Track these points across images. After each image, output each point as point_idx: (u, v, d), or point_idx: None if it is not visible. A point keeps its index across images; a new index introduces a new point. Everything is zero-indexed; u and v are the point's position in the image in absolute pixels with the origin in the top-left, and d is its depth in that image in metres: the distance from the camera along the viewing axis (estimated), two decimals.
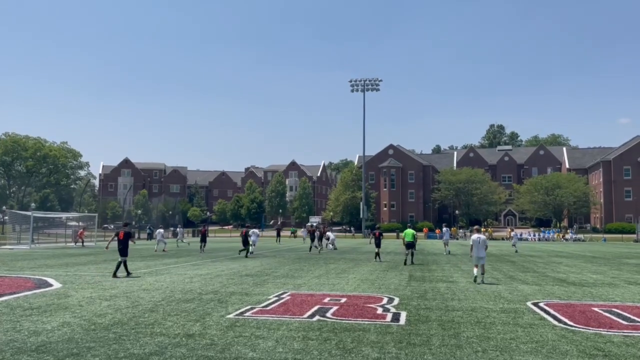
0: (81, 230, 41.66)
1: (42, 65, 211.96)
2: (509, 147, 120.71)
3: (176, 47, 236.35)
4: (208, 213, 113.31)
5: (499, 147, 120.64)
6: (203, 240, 30.19)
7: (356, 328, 7.88)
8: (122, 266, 15.50)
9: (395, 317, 8.87)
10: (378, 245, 22.81)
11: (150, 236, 58.44)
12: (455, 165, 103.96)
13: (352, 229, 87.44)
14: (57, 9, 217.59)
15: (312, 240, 31.45)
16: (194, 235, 65.08)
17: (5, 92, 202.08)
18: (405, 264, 20.75)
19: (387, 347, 6.70)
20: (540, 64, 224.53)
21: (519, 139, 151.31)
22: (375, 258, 22.76)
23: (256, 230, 28.77)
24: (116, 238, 16.19)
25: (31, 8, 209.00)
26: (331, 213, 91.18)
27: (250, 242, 26.81)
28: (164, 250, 30.53)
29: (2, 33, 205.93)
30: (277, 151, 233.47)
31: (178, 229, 46.52)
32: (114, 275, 15.26)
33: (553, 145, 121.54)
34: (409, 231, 22.01)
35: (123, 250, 15.74)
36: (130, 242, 16.36)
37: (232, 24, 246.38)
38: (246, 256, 24.98)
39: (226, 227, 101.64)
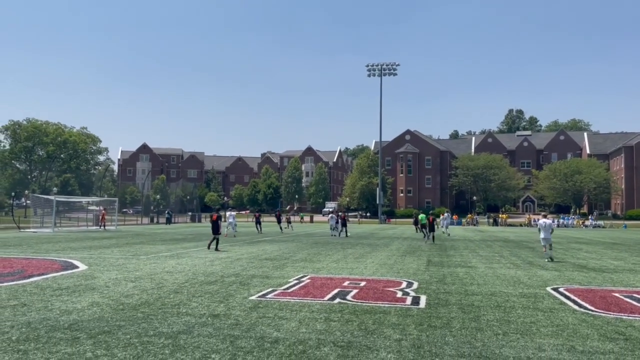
0: (102, 212, 42.50)
1: (63, 51, 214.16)
2: (528, 132, 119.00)
3: (194, 34, 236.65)
4: (225, 198, 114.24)
5: (518, 133, 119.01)
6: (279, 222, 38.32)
7: (377, 310, 8.00)
8: (214, 242, 19.26)
9: (415, 301, 8.97)
10: (432, 229, 25.49)
11: (169, 221, 59.32)
12: (473, 150, 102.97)
13: (367, 214, 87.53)
14: None
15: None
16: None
17: (26, 78, 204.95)
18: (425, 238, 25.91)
19: (408, 329, 6.81)
20: (560, 47, 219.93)
21: (538, 124, 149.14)
22: (426, 239, 26.00)
23: (233, 213, 29.79)
24: (232, 219, 20.92)
25: None
26: (347, 199, 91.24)
27: (228, 225, 28.64)
28: (234, 236, 28.85)
29: (21, 20, 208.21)
30: (293, 137, 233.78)
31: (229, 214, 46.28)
32: (208, 248, 19.25)
33: (573, 130, 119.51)
34: (422, 215, 29.93)
35: (215, 229, 19.34)
36: (219, 223, 19.75)
37: (247, 9, 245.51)
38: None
39: (243, 212, 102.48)
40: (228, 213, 34.29)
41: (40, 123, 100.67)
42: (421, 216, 30.90)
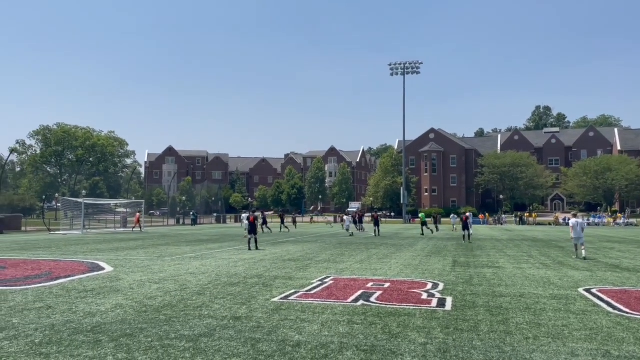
0: (137, 214, 43.31)
1: (91, 56, 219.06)
2: (556, 129, 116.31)
3: (217, 37, 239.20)
4: (249, 199, 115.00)
5: (545, 130, 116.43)
6: (282, 222, 39.59)
7: (401, 313, 7.82)
8: (252, 242, 20.43)
9: (441, 303, 8.74)
10: (466, 227, 25.90)
11: (195, 222, 60.00)
12: (499, 148, 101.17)
13: (391, 214, 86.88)
14: (102, 2, 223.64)
15: (356, 223, 33.29)
16: (236, 221, 66.34)
17: (55, 83, 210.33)
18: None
19: (433, 333, 6.61)
20: (590, 42, 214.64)
21: (566, 120, 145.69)
22: (464, 239, 26.02)
23: (246, 214, 31.23)
24: (247, 221, 21.76)
25: (75, 2, 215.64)
26: (371, 199, 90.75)
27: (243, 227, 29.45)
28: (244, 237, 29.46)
29: (52, 27, 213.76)
30: (316, 137, 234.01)
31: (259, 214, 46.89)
32: (249, 249, 19.88)
33: (603, 127, 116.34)
34: (422, 214, 37.18)
35: (253, 229, 20.48)
36: (257, 224, 21.23)
37: (269, 11, 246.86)
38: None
39: (267, 213, 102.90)
40: (243, 215, 35.51)
41: (70, 127, 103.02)
42: (421, 214, 36.65)
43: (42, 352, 5.54)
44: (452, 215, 47.11)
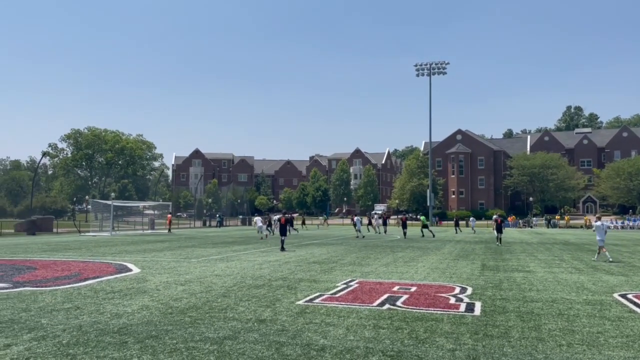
0: (169, 216, 43.97)
1: (119, 63, 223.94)
2: (588, 129, 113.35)
3: (241, 41, 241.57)
4: (274, 201, 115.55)
5: (576, 130, 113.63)
6: (290, 224, 36.74)
7: (428, 318, 7.64)
8: (281, 243, 21.23)
9: (470, 308, 8.52)
10: (500, 231, 25.84)
11: (221, 224, 60.57)
12: (528, 149, 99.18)
13: (417, 216, 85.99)
14: (130, 8, 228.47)
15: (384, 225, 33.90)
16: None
17: (86, 88, 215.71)
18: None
19: (462, 338, 6.43)
20: (621, 40, 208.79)
21: (598, 120, 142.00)
22: (497, 242, 25.84)
23: (260, 217, 34.49)
24: (279, 223, 22.80)
25: (106, 10, 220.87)
26: (397, 201, 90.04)
27: (258, 229, 31.79)
28: (261, 238, 30.48)
29: (80, 36, 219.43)
30: (341, 139, 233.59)
31: (273, 218, 47.25)
32: (281, 250, 20.51)
33: (638, 127, 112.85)
34: (423, 217, 38.11)
35: (283, 231, 21.48)
36: (288, 226, 22.72)
37: (292, 13, 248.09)
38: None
39: (293, 215, 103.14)
40: (256, 218, 36.50)
41: (100, 131, 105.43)
42: (422, 217, 38.13)
43: (69, 353, 5.58)
44: (471, 219, 48.71)
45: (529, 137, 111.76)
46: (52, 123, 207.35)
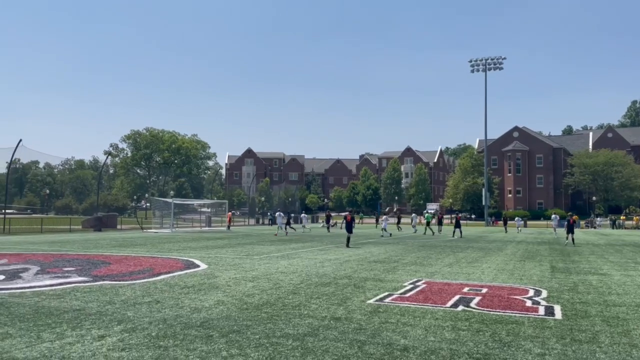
0: (229, 214, 45.15)
1: (176, 67, 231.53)
2: None
3: (290, 42, 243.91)
4: (325, 200, 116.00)
5: None
6: (327, 222, 40.68)
7: (507, 320, 7.42)
8: (347, 240, 22.25)
9: (549, 311, 8.21)
10: (571, 231, 25.83)
11: (273, 222, 61.45)
12: (590, 147, 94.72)
13: (471, 216, 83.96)
14: (185, 15, 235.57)
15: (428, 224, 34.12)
16: (312, 221, 67.13)
17: (144, 90, 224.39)
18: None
19: (549, 343, 6.19)
20: None
21: None
22: (566, 240, 26.13)
23: (281, 214, 35.98)
24: (344, 220, 23.73)
25: (163, 17, 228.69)
26: (450, 200, 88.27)
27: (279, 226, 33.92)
28: (277, 234, 32.91)
29: (140, 43, 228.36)
30: (391, 137, 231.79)
31: (302, 216, 48.19)
32: (347, 246, 21.46)
33: None
34: (429, 215, 41.08)
35: (349, 228, 22.51)
36: (353, 224, 23.34)
37: (342, 10, 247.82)
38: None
39: (342, 214, 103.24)
40: (277, 214, 37.48)
41: (157, 132, 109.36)
42: (427, 215, 41.04)
43: (160, 345, 5.80)
44: (516, 218, 49.00)
45: (590, 133, 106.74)
46: (113, 124, 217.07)
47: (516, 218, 49.48)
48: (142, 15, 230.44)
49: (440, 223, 39.68)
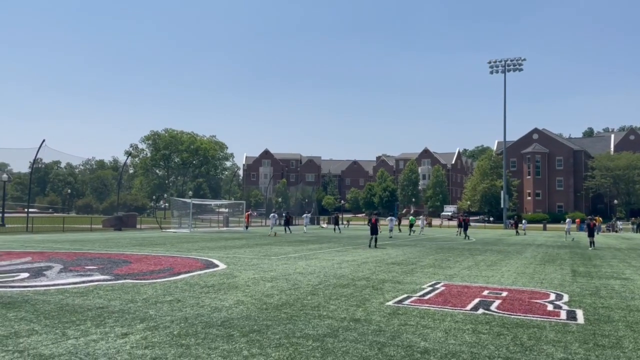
0: (247, 213, 45.45)
1: (193, 68, 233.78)
2: None
3: (310, 41, 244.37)
4: (342, 201, 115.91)
5: None
6: (336, 223, 42.63)
7: (528, 324, 7.35)
8: (372, 241, 23.16)
9: (571, 315, 8.11)
10: (592, 234, 25.88)
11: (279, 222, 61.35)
12: (612, 149, 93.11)
13: (489, 218, 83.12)
14: (203, 16, 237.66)
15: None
16: (329, 222, 67.10)
17: (164, 91, 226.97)
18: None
19: (571, 347, 6.12)
20: None
21: None
22: (590, 246, 25.66)
23: (275, 215, 38.30)
24: (369, 223, 24.74)
25: (181, 19, 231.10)
26: (468, 202, 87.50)
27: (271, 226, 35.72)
28: (274, 234, 33.77)
29: (158, 44, 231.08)
30: (408, 139, 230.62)
31: (304, 216, 47.49)
32: (369, 247, 22.68)
33: None
34: (412, 218, 42.78)
35: (374, 230, 23.37)
36: (378, 226, 23.85)
37: (359, 11, 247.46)
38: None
39: (359, 215, 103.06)
40: (271, 214, 38.97)
41: (176, 133, 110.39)
42: (411, 218, 42.62)
43: (182, 344, 5.88)
44: (523, 221, 49.56)
45: (612, 136, 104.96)
46: (133, 125, 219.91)
47: (523, 220, 50.29)
48: (164, 16, 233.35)
49: (465, 228, 37.28)
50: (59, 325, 6.70)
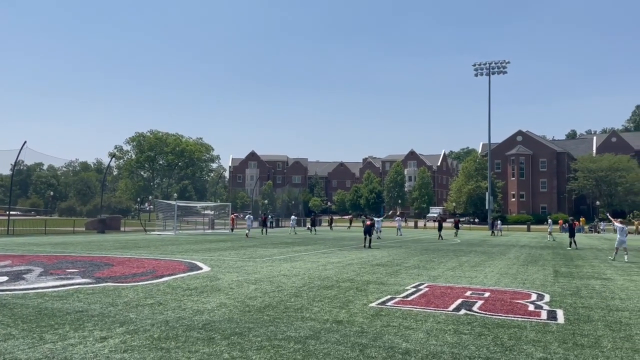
0: (232, 216, 45.20)
1: (179, 70, 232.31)
2: None
3: (295, 43, 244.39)
4: (328, 203, 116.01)
5: None
6: (313, 225, 43.17)
7: (510, 324, 7.41)
8: (366, 241, 23.90)
9: (552, 315, 8.19)
10: (572, 234, 26.54)
11: (273, 224, 61.33)
12: (594, 151, 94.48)
13: (474, 220, 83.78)
14: (189, 18, 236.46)
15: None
16: (299, 225, 67.12)
17: (149, 94, 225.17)
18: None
19: (551, 347, 6.18)
20: None
21: None
22: (569, 246, 26.54)
23: (251, 216, 38.82)
24: (364, 224, 25.24)
25: (167, 20, 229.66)
26: (453, 204, 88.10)
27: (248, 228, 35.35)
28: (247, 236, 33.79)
29: (144, 46, 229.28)
30: (395, 141, 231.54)
31: (292, 218, 47.46)
32: (368, 247, 23.28)
33: None
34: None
35: (369, 231, 24.06)
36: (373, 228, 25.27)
37: (347, 14, 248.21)
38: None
39: (345, 217, 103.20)
40: (247, 216, 39.43)
41: (162, 134, 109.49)
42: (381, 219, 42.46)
43: (162, 347, 5.82)
44: (498, 221, 48.59)
45: (594, 138, 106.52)
46: (117, 127, 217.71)
47: (498, 221, 49.12)
48: (147, 17, 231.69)
49: (440, 228, 37.95)
50: (36, 329, 6.59)
